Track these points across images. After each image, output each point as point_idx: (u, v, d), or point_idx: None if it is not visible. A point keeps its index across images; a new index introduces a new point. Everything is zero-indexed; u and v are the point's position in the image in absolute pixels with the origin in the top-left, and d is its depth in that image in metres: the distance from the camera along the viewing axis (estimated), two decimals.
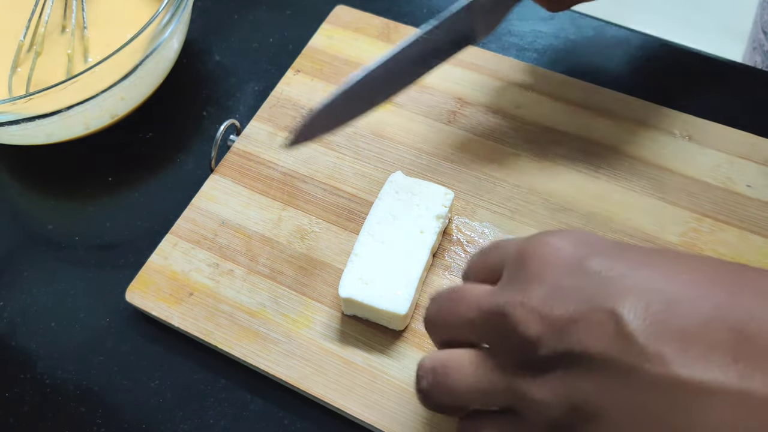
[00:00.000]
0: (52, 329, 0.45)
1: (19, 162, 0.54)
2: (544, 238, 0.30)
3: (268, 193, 0.47)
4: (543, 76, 0.50)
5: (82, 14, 0.54)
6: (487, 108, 0.50)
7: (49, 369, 0.44)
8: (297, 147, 0.41)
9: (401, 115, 0.50)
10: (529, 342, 0.27)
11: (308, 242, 0.45)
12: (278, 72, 0.54)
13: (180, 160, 0.52)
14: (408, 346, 0.41)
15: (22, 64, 0.53)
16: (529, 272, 0.28)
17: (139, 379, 0.43)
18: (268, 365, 0.41)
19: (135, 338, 0.44)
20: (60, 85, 0.44)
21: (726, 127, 0.47)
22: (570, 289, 0.27)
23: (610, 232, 0.43)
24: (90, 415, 0.42)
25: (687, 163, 0.46)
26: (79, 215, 0.50)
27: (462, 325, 0.31)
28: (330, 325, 0.42)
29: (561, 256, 0.28)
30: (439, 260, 0.44)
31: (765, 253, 0.42)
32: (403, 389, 0.39)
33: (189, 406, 0.41)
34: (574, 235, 0.30)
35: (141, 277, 0.44)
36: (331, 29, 0.55)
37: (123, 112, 0.51)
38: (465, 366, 0.30)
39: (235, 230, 0.46)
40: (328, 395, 0.39)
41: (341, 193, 0.47)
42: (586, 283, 0.27)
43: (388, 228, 0.42)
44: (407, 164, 0.48)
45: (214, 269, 0.44)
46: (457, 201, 0.46)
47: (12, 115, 0.45)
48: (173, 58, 0.53)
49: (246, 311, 0.43)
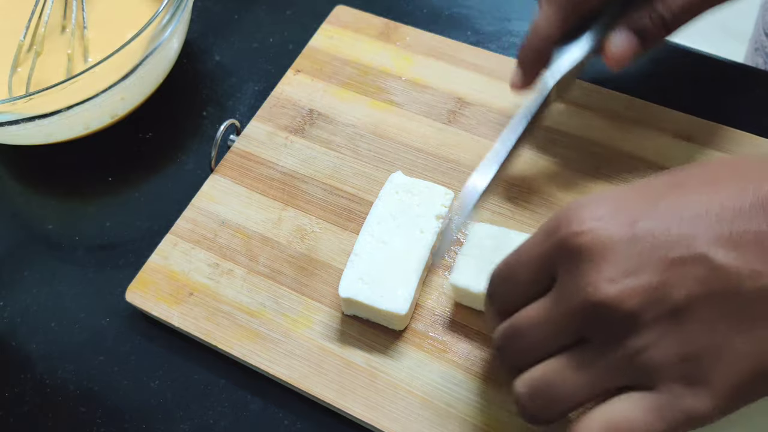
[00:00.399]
0: (52, 329, 0.45)
1: (19, 162, 0.54)
2: (580, 225, 0.30)
3: (268, 193, 0.47)
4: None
5: (82, 14, 0.54)
6: (487, 108, 0.49)
7: (49, 369, 0.44)
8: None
9: (401, 115, 0.50)
10: (631, 316, 0.28)
11: (308, 242, 0.45)
12: (278, 72, 0.54)
13: (180, 160, 0.52)
14: (408, 346, 0.41)
15: (22, 64, 0.53)
16: (591, 259, 0.29)
17: (139, 379, 0.42)
18: (268, 365, 0.41)
19: (135, 338, 0.44)
20: (60, 85, 0.44)
21: (726, 127, 0.47)
22: (640, 256, 0.28)
23: None
24: (90, 415, 0.42)
25: (687, 164, 0.46)
26: (79, 215, 0.50)
27: (545, 345, 0.31)
28: (330, 325, 0.42)
29: (611, 232, 0.29)
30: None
31: None
32: (403, 389, 0.39)
33: (189, 406, 0.41)
34: (601, 206, 0.30)
35: (141, 277, 0.44)
36: (331, 29, 0.55)
37: (123, 112, 0.51)
38: (565, 372, 0.30)
39: (235, 230, 0.46)
40: (328, 395, 0.39)
41: (341, 193, 0.47)
42: (651, 245, 0.28)
43: (388, 228, 0.42)
44: (407, 164, 0.48)
45: (214, 269, 0.44)
46: (457, 201, 0.46)
47: (12, 115, 0.45)
48: (173, 58, 0.53)
49: (246, 311, 0.43)
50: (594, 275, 0.29)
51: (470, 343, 0.40)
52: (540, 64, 0.42)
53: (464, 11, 0.57)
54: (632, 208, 0.30)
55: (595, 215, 0.30)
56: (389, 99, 0.51)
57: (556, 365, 0.30)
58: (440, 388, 0.39)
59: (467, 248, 0.41)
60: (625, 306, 0.28)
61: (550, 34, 0.41)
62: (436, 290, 0.42)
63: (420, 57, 0.52)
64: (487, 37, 0.55)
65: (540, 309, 0.31)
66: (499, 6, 0.56)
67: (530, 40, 0.42)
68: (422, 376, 0.40)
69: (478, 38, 0.55)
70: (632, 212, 0.30)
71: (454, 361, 0.40)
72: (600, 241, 0.29)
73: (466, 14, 0.56)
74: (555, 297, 0.30)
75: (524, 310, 0.32)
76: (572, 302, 0.29)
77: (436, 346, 0.41)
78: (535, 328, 0.31)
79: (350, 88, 0.52)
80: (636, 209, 0.30)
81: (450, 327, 0.41)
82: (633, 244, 0.29)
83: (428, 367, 0.40)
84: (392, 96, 0.51)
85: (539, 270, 0.31)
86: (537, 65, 0.42)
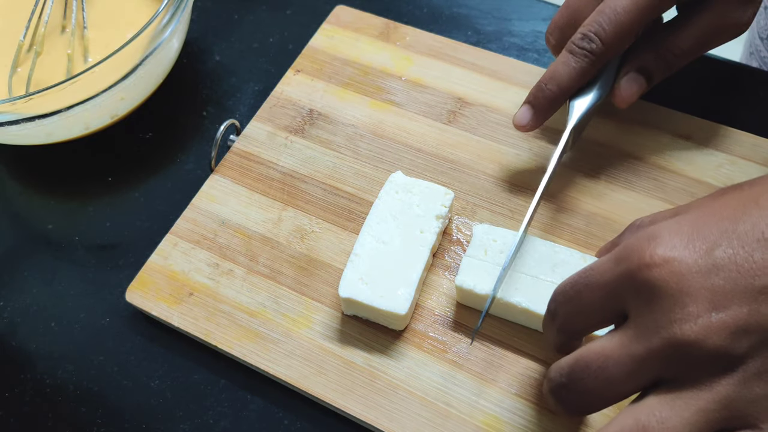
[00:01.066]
0: (52, 329, 0.45)
1: (19, 162, 0.54)
2: (653, 257, 0.28)
3: (268, 193, 0.47)
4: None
5: (82, 14, 0.54)
6: (487, 108, 0.49)
7: (49, 369, 0.44)
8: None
9: (401, 115, 0.50)
10: (723, 353, 0.27)
11: (308, 242, 0.45)
12: (278, 72, 0.54)
13: (180, 160, 0.52)
14: (408, 346, 0.41)
15: (22, 64, 0.53)
16: (671, 294, 0.27)
17: (139, 379, 0.43)
18: (268, 365, 0.41)
19: (135, 338, 0.44)
20: (60, 85, 0.44)
21: (726, 127, 0.47)
22: (724, 287, 0.27)
23: (610, 232, 0.43)
24: (90, 415, 0.42)
25: (687, 164, 0.46)
26: (79, 215, 0.50)
27: (620, 386, 0.29)
28: (330, 325, 0.42)
29: (688, 263, 0.28)
30: (439, 260, 0.44)
31: None
32: (403, 389, 0.39)
33: (189, 406, 0.41)
34: (674, 234, 0.29)
35: (141, 277, 0.44)
36: (331, 29, 0.55)
37: (123, 112, 0.51)
38: (660, 414, 0.28)
39: (235, 230, 0.46)
40: (328, 395, 0.39)
41: (341, 193, 0.47)
42: (734, 274, 0.27)
43: (388, 228, 0.42)
44: (407, 164, 0.48)
45: (214, 269, 0.44)
46: (457, 201, 0.46)
47: (12, 115, 0.45)
48: (173, 58, 0.53)
49: (246, 311, 0.43)
50: (677, 311, 0.27)
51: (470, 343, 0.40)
52: (554, 111, 0.43)
53: (464, 11, 0.57)
54: (708, 234, 0.28)
55: (669, 245, 0.28)
56: (389, 99, 0.51)
57: (646, 408, 0.28)
58: (440, 388, 0.39)
59: (472, 250, 0.41)
60: (714, 342, 0.26)
61: (572, 86, 0.42)
62: (436, 290, 0.42)
63: (420, 57, 0.52)
64: (487, 37, 0.55)
65: (615, 346, 0.29)
66: (499, 6, 0.56)
67: (549, 89, 0.42)
68: (422, 376, 0.40)
69: (478, 38, 0.55)
70: (709, 238, 0.28)
71: (454, 361, 0.40)
72: (678, 274, 0.27)
73: (466, 14, 0.56)
74: (632, 334, 0.28)
75: (595, 345, 0.30)
76: (653, 341, 0.28)
77: (436, 346, 0.41)
78: (611, 368, 0.29)
79: (350, 88, 0.52)
80: (713, 234, 0.28)
81: (450, 327, 0.41)
82: (714, 274, 0.27)
83: (428, 367, 0.40)
84: (392, 96, 0.51)
85: (607, 297, 0.30)
86: (550, 112, 0.43)
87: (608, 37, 0.40)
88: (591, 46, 0.41)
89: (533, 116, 0.43)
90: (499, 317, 0.41)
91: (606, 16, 0.40)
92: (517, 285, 0.39)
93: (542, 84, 0.42)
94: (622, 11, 0.40)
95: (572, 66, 0.41)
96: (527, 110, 0.43)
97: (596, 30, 0.40)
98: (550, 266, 0.40)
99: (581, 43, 0.41)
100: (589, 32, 0.41)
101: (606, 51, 0.41)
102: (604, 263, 0.30)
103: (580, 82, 0.42)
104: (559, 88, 0.42)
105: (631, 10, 0.40)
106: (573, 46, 0.41)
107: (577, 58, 0.41)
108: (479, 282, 0.40)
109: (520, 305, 0.39)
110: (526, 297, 0.39)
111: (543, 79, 0.42)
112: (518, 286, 0.39)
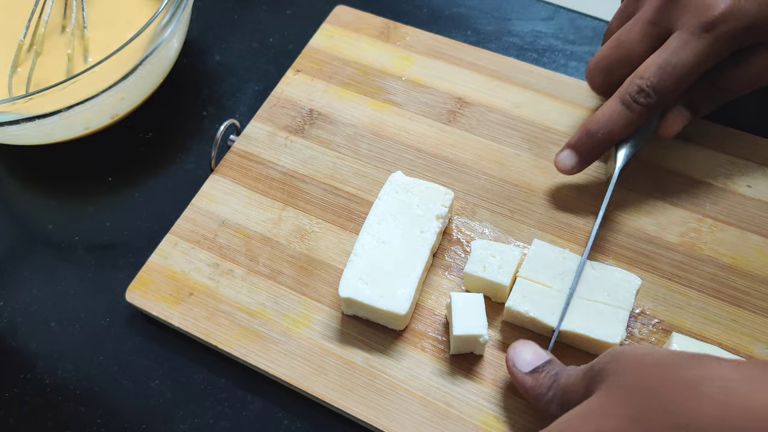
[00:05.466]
0: (52, 329, 0.45)
1: (19, 162, 0.54)
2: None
3: (268, 193, 0.47)
4: (542, 76, 0.50)
5: (82, 14, 0.54)
6: (487, 108, 0.50)
7: (49, 369, 0.44)
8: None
9: (401, 115, 0.50)
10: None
11: (308, 242, 0.45)
12: (278, 72, 0.54)
13: (180, 160, 0.52)
14: (408, 346, 0.41)
15: (22, 64, 0.53)
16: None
17: (139, 379, 0.43)
18: (268, 365, 0.41)
19: (135, 338, 0.44)
20: (60, 85, 0.44)
21: (726, 127, 0.47)
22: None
23: (610, 232, 0.43)
24: (90, 415, 0.42)
25: (687, 164, 0.46)
26: (79, 215, 0.50)
27: None
28: (330, 325, 0.42)
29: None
30: (439, 260, 0.44)
31: (765, 253, 0.42)
32: (403, 389, 0.39)
33: (189, 406, 0.41)
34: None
35: (141, 277, 0.44)
36: (331, 29, 0.55)
37: (123, 112, 0.51)
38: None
39: (235, 230, 0.46)
40: (328, 395, 0.39)
41: (341, 193, 0.47)
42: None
43: (388, 228, 0.42)
44: (407, 164, 0.48)
45: (214, 269, 0.44)
46: (457, 201, 0.46)
47: (12, 115, 0.45)
48: (173, 58, 0.53)
49: (246, 311, 0.43)
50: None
51: None
52: (600, 155, 0.43)
53: (464, 11, 0.57)
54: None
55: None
56: (389, 99, 0.51)
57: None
58: (440, 388, 0.39)
59: (471, 266, 0.41)
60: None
61: (622, 134, 0.42)
62: (436, 290, 0.42)
63: (420, 57, 0.52)
64: (487, 37, 0.55)
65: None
66: (499, 6, 0.56)
67: (600, 138, 0.41)
68: (422, 376, 0.40)
69: (478, 38, 0.55)
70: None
71: (454, 362, 0.40)
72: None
73: (466, 14, 0.56)
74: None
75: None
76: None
77: (436, 346, 0.41)
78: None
79: (350, 88, 0.52)
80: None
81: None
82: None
83: (428, 367, 0.40)
84: (392, 96, 0.51)
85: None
86: (596, 158, 0.43)
87: (667, 91, 0.40)
88: (648, 101, 0.40)
89: (578, 162, 0.43)
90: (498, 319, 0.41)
91: (665, 72, 0.39)
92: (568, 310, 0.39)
93: (591, 130, 0.42)
94: (682, 67, 0.39)
95: (627, 117, 0.41)
96: (571, 155, 0.43)
97: (654, 85, 0.39)
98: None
99: (638, 98, 0.40)
100: (647, 87, 0.40)
101: (662, 104, 0.40)
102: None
103: (631, 132, 0.42)
104: (611, 137, 0.41)
105: (692, 64, 0.39)
106: (629, 99, 0.40)
107: (632, 111, 0.40)
108: (533, 307, 0.39)
109: (576, 331, 0.39)
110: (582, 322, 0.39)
111: (591, 126, 0.42)
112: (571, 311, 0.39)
